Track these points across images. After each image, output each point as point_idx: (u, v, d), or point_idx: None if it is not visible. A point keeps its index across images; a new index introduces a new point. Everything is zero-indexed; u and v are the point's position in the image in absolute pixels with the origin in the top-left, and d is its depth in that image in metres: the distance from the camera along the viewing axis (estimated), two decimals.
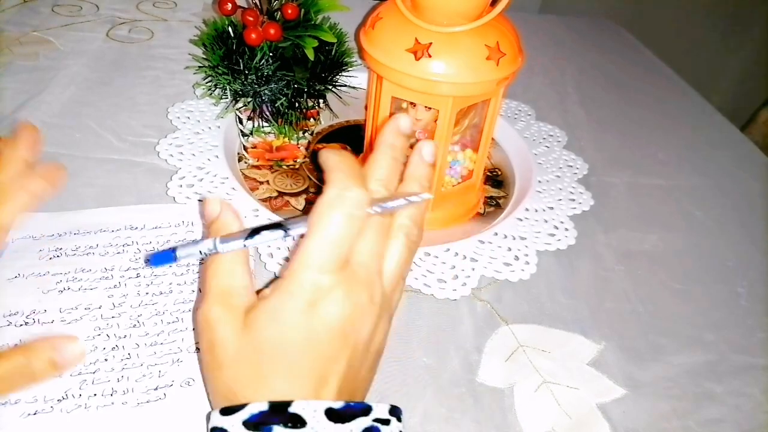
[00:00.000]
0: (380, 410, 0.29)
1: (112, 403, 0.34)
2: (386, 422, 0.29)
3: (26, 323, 0.38)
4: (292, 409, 0.28)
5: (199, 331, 0.31)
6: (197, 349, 0.38)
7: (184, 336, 0.39)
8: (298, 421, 0.28)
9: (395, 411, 0.30)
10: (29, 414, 0.33)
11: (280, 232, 0.32)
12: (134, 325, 0.39)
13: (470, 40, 0.43)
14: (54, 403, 0.34)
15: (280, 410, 0.28)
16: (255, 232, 0.32)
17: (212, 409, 0.30)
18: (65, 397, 0.34)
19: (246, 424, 0.28)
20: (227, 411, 0.29)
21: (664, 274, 0.52)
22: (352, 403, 0.29)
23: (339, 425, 0.28)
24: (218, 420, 0.29)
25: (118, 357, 0.37)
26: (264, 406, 0.28)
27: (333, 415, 0.28)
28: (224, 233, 0.33)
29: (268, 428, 0.27)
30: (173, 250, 0.33)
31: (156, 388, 0.35)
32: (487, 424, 0.38)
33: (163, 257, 0.33)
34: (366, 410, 0.29)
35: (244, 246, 0.32)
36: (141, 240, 0.45)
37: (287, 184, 0.56)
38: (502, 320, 0.45)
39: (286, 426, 0.27)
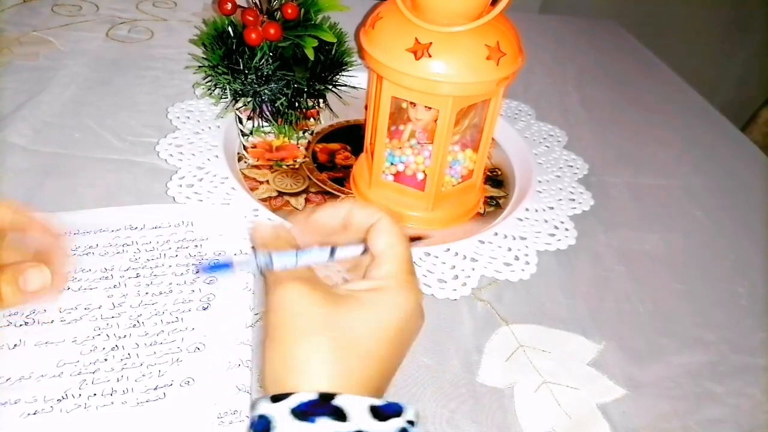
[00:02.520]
0: (410, 412, 0.30)
1: (112, 403, 0.34)
2: (413, 424, 0.30)
3: (26, 323, 0.38)
4: (337, 402, 0.29)
5: (278, 303, 0.31)
6: (197, 349, 0.38)
7: (184, 336, 0.39)
8: (342, 414, 0.28)
9: (417, 413, 0.31)
10: (29, 414, 0.33)
11: (326, 253, 0.33)
12: (134, 325, 0.39)
13: (470, 39, 0.43)
14: (54, 402, 0.34)
15: (326, 401, 0.28)
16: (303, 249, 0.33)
17: (261, 387, 0.31)
18: (65, 396, 0.34)
19: (294, 412, 0.28)
20: (276, 399, 0.29)
21: (665, 274, 0.52)
22: (391, 402, 0.30)
23: (379, 423, 0.29)
24: (267, 407, 0.29)
25: (117, 357, 0.37)
26: (313, 396, 0.28)
27: (375, 412, 0.29)
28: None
29: (312, 419, 0.28)
30: (229, 262, 0.33)
31: (155, 388, 0.35)
32: (488, 424, 0.38)
33: (220, 267, 0.33)
34: (400, 411, 0.30)
35: (296, 263, 0.32)
36: (141, 240, 0.45)
37: (287, 183, 0.56)
38: (502, 320, 0.45)
39: (330, 417, 0.28)
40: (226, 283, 0.42)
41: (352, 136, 0.63)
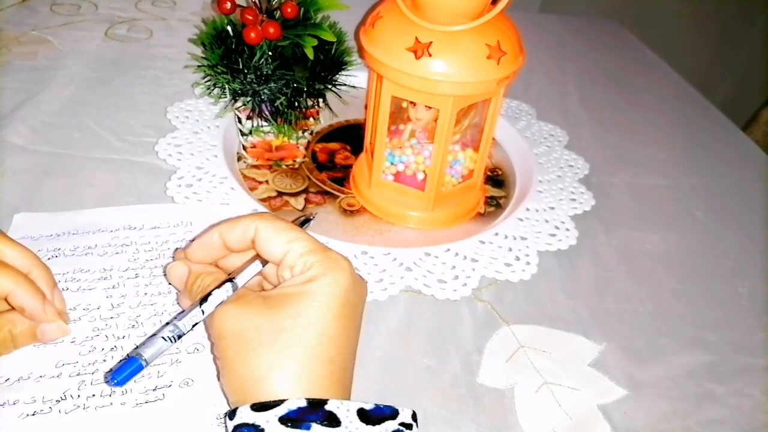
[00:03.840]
0: (405, 415, 0.30)
1: (111, 404, 0.34)
2: (409, 426, 0.30)
3: None
4: (327, 407, 0.28)
5: (219, 332, 0.31)
6: (196, 349, 0.38)
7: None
8: (333, 419, 0.28)
9: (415, 416, 0.31)
10: (28, 415, 0.33)
11: (228, 288, 0.33)
12: (133, 326, 0.39)
13: (471, 39, 0.43)
14: (53, 403, 0.34)
15: (317, 407, 0.28)
16: (204, 299, 0.33)
17: (230, 405, 0.30)
18: (64, 397, 0.34)
19: (283, 420, 0.28)
20: (260, 407, 0.28)
21: (665, 274, 0.52)
22: (381, 406, 0.30)
23: (370, 427, 0.29)
24: (249, 416, 0.28)
25: (116, 357, 0.37)
26: (302, 403, 0.28)
27: (364, 416, 0.29)
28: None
29: (307, 425, 0.28)
30: (136, 356, 0.31)
31: (155, 389, 0.35)
32: (488, 425, 0.38)
33: (127, 366, 0.30)
34: (394, 414, 0.30)
35: (203, 314, 0.33)
36: (140, 240, 0.45)
37: (286, 183, 0.55)
38: (503, 321, 0.45)
39: (322, 424, 0.28)
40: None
41: (351, 135, 0.63)
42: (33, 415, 0.33)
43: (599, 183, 0.61)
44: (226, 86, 0.51)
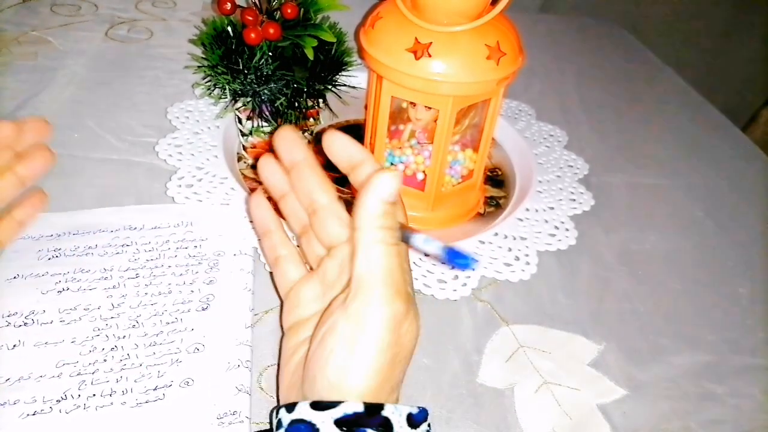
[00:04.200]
0: (430, 415, 0.31)
1: (111, 404, 0.34)
2: (430, 426, 0.31)
3: (25, 324, 0.38)
4: (384, 413, 0.28)
5: (386, 317, 0.30)
6: (196, 349, 0.38)
7: (183, 336, 0.38)
8: (388, 426, 0.28)
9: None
10: (28, 414, 0.33)
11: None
12: (133, 326, 0.39)
13: (470, 39, 0.43)
14: (53, 403, 0.34)
15: (374, 413, 0.28)
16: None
17: (280, 399, 0.31)
18: (64, 397, 0.34)
19: (339, 422, 0.27)
20: (319, 406, 0.28)
21: (665, 274, 0.52)
22: (420, 408, 0.30)
23: (413, 430, 0.29)
24: (307, 413, 0.28)
25: (117, 357, 0.37)
26: (359, 407, 0.28)
27: (411, 420, 0.29)
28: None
29: (363, 430, 0.27)
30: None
31: (155, 389, 0.35)
32: (488, 425, 0.38)
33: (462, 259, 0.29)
34: (426, 416, 0.30)
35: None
36: (140, 240, 0.45)
37: None
38: (503, 321, 0.45)
39: (377, 430, 0.28)
40: (225, 283, 0.42)
41: (352, 136, 0.62)
42: (33, 414, 0.33)
43: (599, 183, 0.61)
44: (227, 87, 0.51)
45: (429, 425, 0.31)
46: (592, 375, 0.42)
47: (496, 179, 0.61)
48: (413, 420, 0.29)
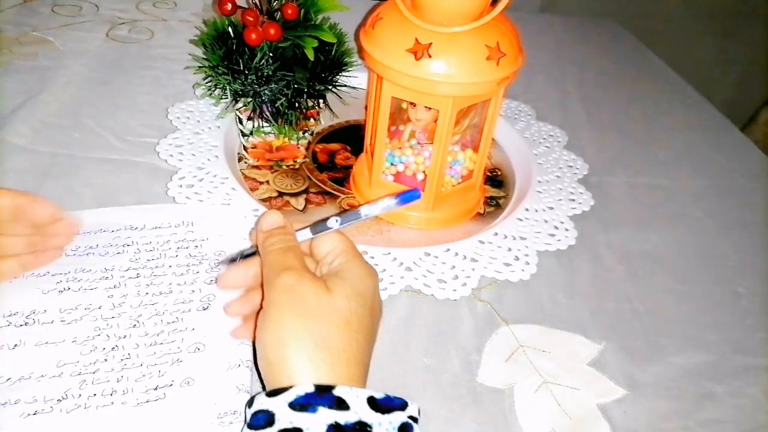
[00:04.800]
0: (413, 408, 0.31)
1: (112, 403, 0.34)
2: (416, 420, 0.31)
3: (26, 323, 0.38)
4: (336, 393, 0.29)
5: (280, 287, 0.33)
6: (197, 349, 0.38)
7: (184, 336, 0.39)
8: (342, 404, 0.29)
9: (419, 411, 0.32)
10: (29, 414, 0.33)
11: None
12: (134, 325, 0.39)
13: (470, 40, 0.43)
14: (54, 403, 0.34)
15: (324, 392, 0.29)
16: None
17: (259, 373, 0.32)
18: (65, 397, 0.34)
19: (292, 405, 0.29)
20: (272, 393, 0.29)
21: (665, 274, 0.52)
22: (392, 396, 0.31)
23: (379, 415, 0.29)
24: (265, 402, 0.29)
25: (117, 357, 0.37)
26: (310, 388, 0.29)
27: (374, 404, 0.30)
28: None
29: (314, 409, 0.28)
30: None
31: (156, 388, 0.35)
32: (487, 424, 0.38)
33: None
34: (403, 406, 0.31)
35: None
36: (141, 240, 0.45)
37: (287, 184, 0.56)
38: (503, 320, 0.45)
39: (330, 408, 0.28)
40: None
41: (352, 136, 0.63)
42: (34, 414, 0.33)
43: (598, 183, 0.61)
44: (227, 87, 0.51)
45: (414, 419, 0.30)
46: (592, 375, 0.42)
47: (496, 179, 0.61)
48: (378, 404, 0.30)
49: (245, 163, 0.57)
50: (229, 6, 0.50)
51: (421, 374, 0.40)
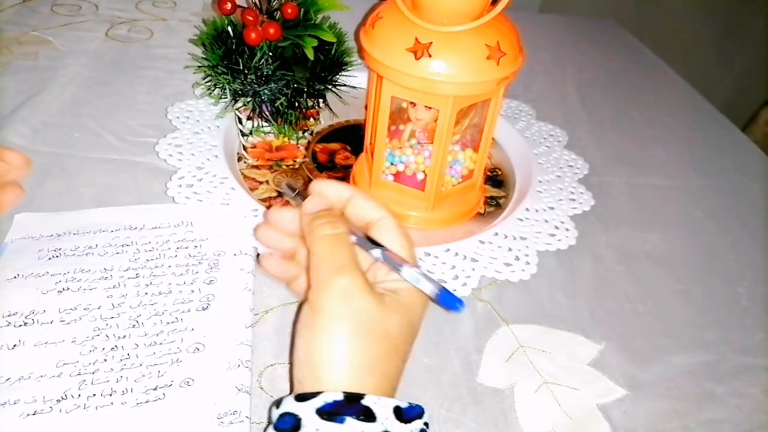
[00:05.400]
0: (427, 414, 0.31)
1: (112, 403, 0.34)
2: (427, 425, 0.31)
3: (25, 323, 0.38)
4: (365, 402, 0.29)
5: (335, 292, 0.31)
6: (197, 349, 0.38)
7: (184, 336, 0.38)
8: (370, 415, 0.28)
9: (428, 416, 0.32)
10: (28, 414, 0.33)
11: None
12: (133, 326, 0.39)
13: (470, 39, 0.43)
14: (53, 403, 0.34)
15: (353, 402, 0.29)
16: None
17: (292, 380, 0.32)
18: (64, 397, 0.34)
19: (320, 412, 0.28)
20: (301, 397, 0.29)
21: (665, 274, 0.52)
22: (413, 405, 0.31)
23: (404, 425, 0.29)
24: (292, 406, 0.29)
25: (117, 357, 0.37)
26: (339, 396, 0.29)
27: (399, 413, 0.29)
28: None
29: (341, 419, 0.28)
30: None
31: (155, 388, 0.35)
32: (488, 424, 0.38)
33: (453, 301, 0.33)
34: (421, 413, 0.31)
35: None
36: (140, 240, 0.45)
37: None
38: (503, 320, 0.45)
39: (358, 418, 0.28)
40: (226, 283, 0.42)
41: (352, 136, 0.63)
42: (34, 414, 0.33)
43: (599, 183, 0.61)
44: (227, 87, 0.51)
45: (426, 425, 0.30)
46: (592, 375, 0.42)
47: (496, 179, 0.61)
48: (402, 414, 0.29)
49: (245, 162, 0.57)
50: (229, 5, 0.50)
51: (421, 374, 0.40)
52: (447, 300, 0.32)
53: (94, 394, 0.34)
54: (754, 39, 1.53)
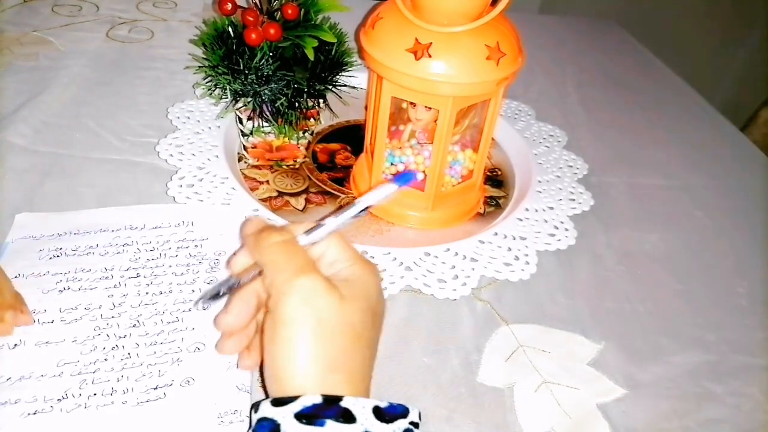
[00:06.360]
0: (414, 414, 0.31)
1: (112, 403, 0.34)
2: (417, 425, 0.30)
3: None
4: (343, 404, 0.29)
5: (295, 297, 0.30)
6: (197, 349, 0.38)
7: (184, 336, 0.39)
8: (349, 416, 0.28)
9: (420, 415, 0.31)
10: (29, 414, 0.33)
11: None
12: (134, 325, 0.39)
13: (470, 40, 0.43)
14: (54, 402, 0.34)
15: (332, 404, 0.28)
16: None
17: (267, 387, 0.31)
18: (65, 396, 0.34)
19: (298, 416, 0.28)
20: (279, 402, 0.29)
21: (664, 274, 0.52)
22: (394, 404, 0.30)
23: (384, 425, 0.29)
24: (269, 411, 0.29)
25: (118, 357, 0.37)
26: (318, 399, 0.28)
27: (379, 413, 0.29)
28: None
29: (321, 422, 0.28)
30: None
31: (156, 388, 0.35)
32: (487, 424, 0.38)
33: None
34: (405, 412, 0.30)
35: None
36: (141, 240, 0.45)
37: (287, 184, 0.56)
38: (502, 320, 0.45)
39: (338, 420, 0.28)
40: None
41: (352, 136, 0.63)
42: (34, 414, 0.33)
43: (598, 183, 0.61)
44: (227, 87, 0.51)
45: (415, 424, 0.30)
46: (592, 374, 0.42)
47: (496, 179, 0.61)
48: (383, 414, 0.29)
49: (245, 162, 0.57)
50: (229, 6, 0.50)
51: (421, 374, 0.40)
52: (403, 180, 0.36)
53: (95, 394, 0.35)
54: (754, 39, 1.53)
